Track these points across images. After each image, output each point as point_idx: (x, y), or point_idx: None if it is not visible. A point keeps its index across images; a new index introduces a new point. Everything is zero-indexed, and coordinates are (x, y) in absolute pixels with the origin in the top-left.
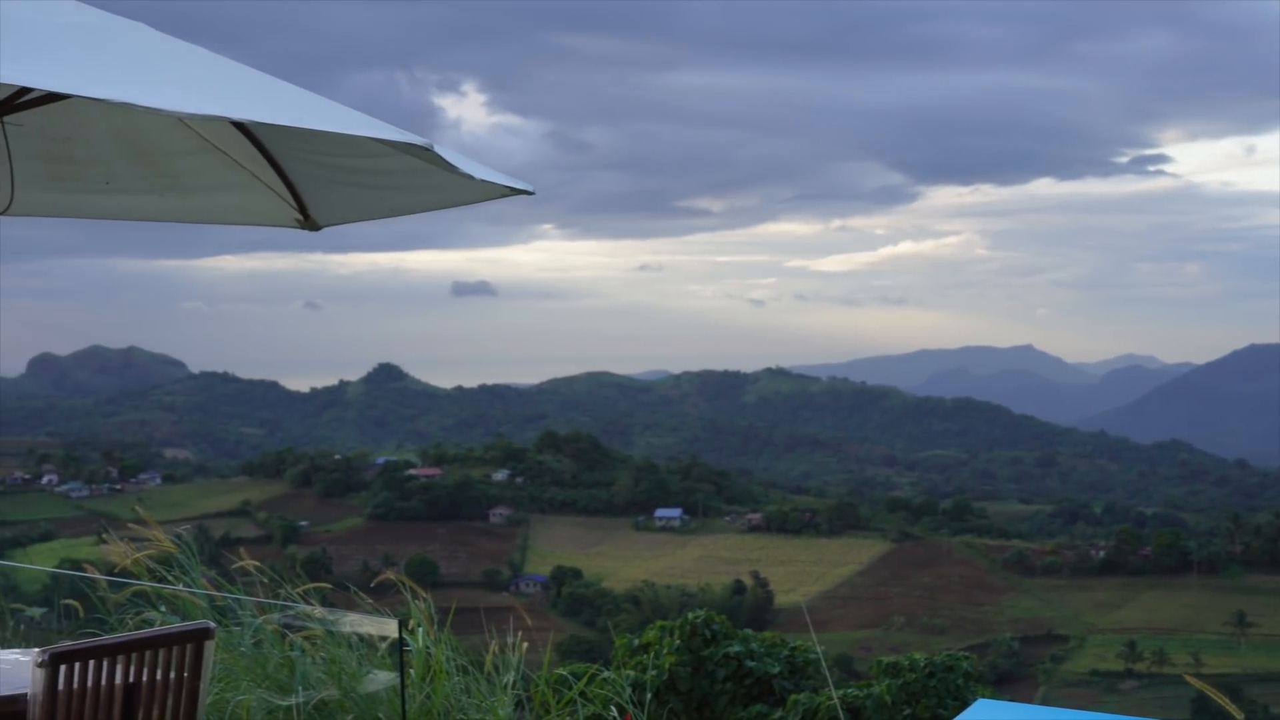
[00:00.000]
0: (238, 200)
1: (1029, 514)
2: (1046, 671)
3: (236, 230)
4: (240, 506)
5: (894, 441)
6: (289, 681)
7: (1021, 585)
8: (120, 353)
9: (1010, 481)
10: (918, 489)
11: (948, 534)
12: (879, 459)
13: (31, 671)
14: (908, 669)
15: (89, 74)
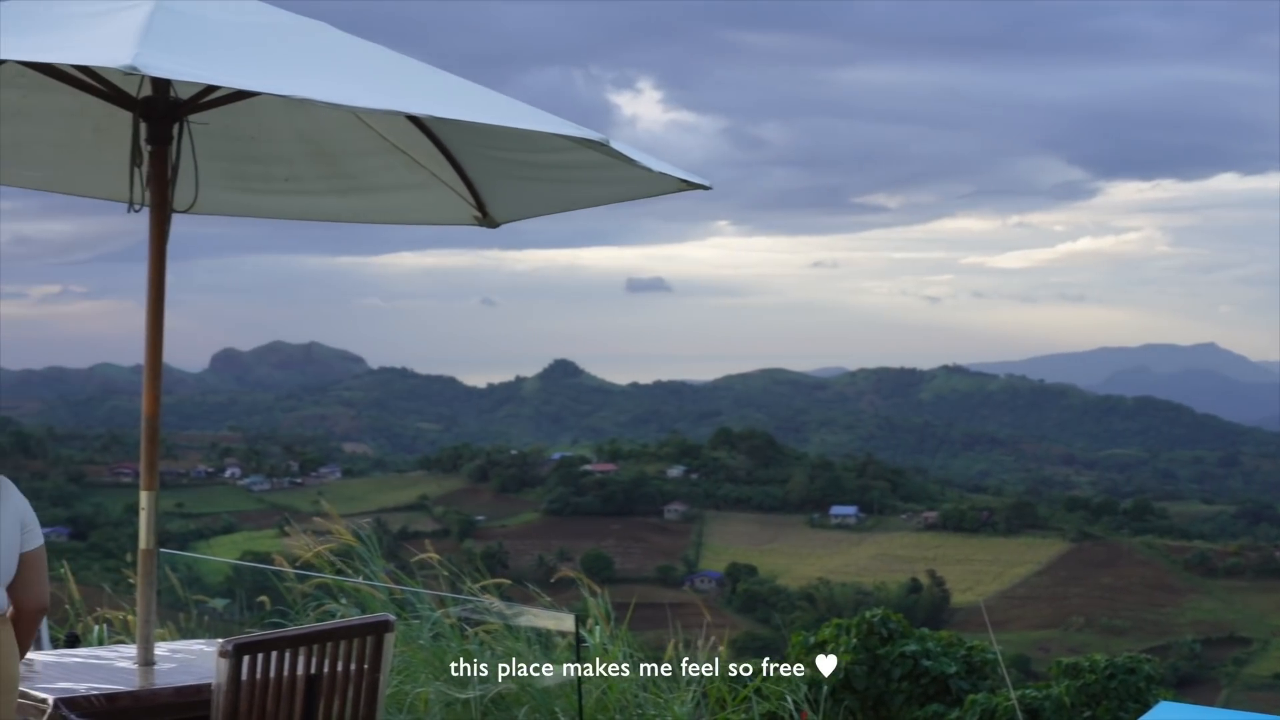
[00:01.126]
0: (417, 199)
1: (1211, 514)
2: (1229, 675)
3: (415, 227)
4: (418, 501)
5: (1073, 440)
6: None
7: (1203, 587)
8: (301, 348)
9: (1192, 481)
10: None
11: (1128, 534)
12: (1057, 458)
13: (216, 662)
14: (1088, 670)
15: (272, 72)
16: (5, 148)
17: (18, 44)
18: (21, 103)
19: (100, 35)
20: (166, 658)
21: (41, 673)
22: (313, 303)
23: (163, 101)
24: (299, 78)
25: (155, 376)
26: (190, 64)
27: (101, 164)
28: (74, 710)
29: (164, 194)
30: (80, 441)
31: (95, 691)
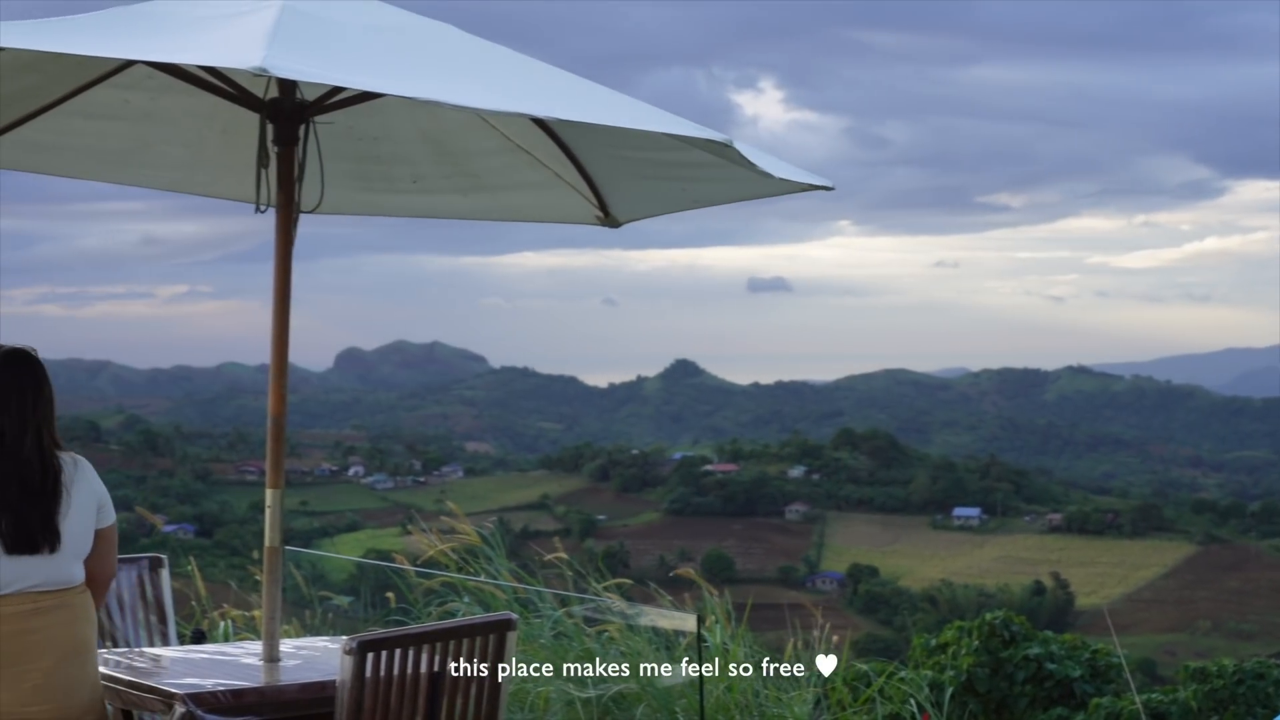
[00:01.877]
0: (540, 198)
1: None
2: None
3: (536, 227)
4: (539, 500)
5: (1200, 442)
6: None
7: None
8: (423, 348)
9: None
10: (1225, 490)
11: (1256, 537)
12: (1184, 459)
13: (340, 658)
14: (1215, 675)
15: (397, 74)
16: (135, 149)
17: (147, 46)
18: (151, 104)
19: (228, 37)
20: (291, 654)
21: (169, 668)
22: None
23: (289, 103)
24: (423, 79)
25: (281, 375)
26: (316, 66)
27: (229, 165)
28: (201, 706)
29: (290, 194)
30: (206, 440)
31: (222, 687)
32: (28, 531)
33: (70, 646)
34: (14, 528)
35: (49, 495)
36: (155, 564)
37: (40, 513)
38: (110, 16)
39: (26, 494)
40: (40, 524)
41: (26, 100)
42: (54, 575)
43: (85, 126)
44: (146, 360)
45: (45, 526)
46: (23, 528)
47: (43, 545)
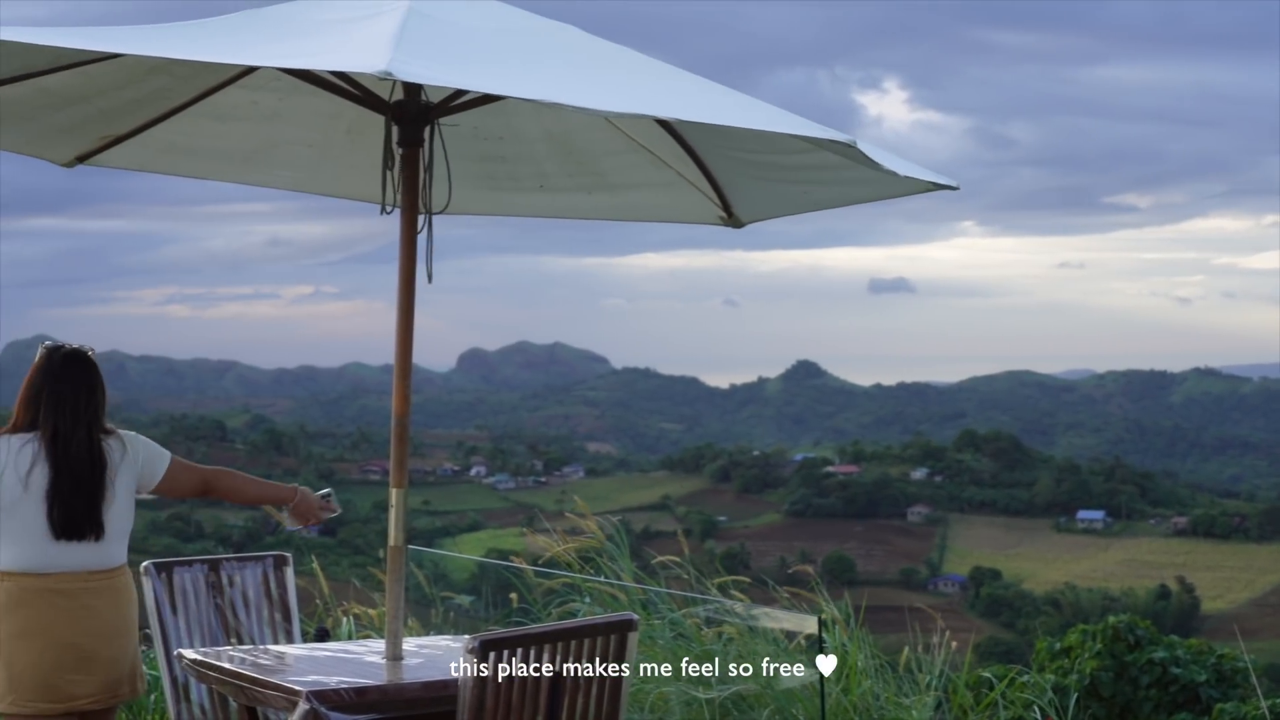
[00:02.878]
0: (663, 198)
1: None
2: None
3: (658, 228)
4: (660, 500)
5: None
6: (708, 675)
7: None
8: (545, 348)
9: None
10: None
11: None
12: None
13: (462, 658)
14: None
15: (520, 76)
16: (262, 150)
17: (275, 50)
18: (278, 106)
19: (355, 41)
20: (414, 653)
21: (293, 665)
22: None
23: (414, 105)
24: (547, 81)
25: (405, 376)
26: (441, 69)
27: (354, 166)
28: (324, 703)
29: (415, 196)
30: (331, 439)
31: (345, 685)
32: (75, 521)
33: (113, 623)
34: (63, 517)
35: (96, 488)
36: (280, 562)
37: (87, 504)
38: (239, 20)
39: (76, 487)
40: (86, 514)
41: (157, 102)
42: (98, 559)
43: (214, 128)
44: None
45: (90, 517)
46: (71, 517)
47: (88, 534)
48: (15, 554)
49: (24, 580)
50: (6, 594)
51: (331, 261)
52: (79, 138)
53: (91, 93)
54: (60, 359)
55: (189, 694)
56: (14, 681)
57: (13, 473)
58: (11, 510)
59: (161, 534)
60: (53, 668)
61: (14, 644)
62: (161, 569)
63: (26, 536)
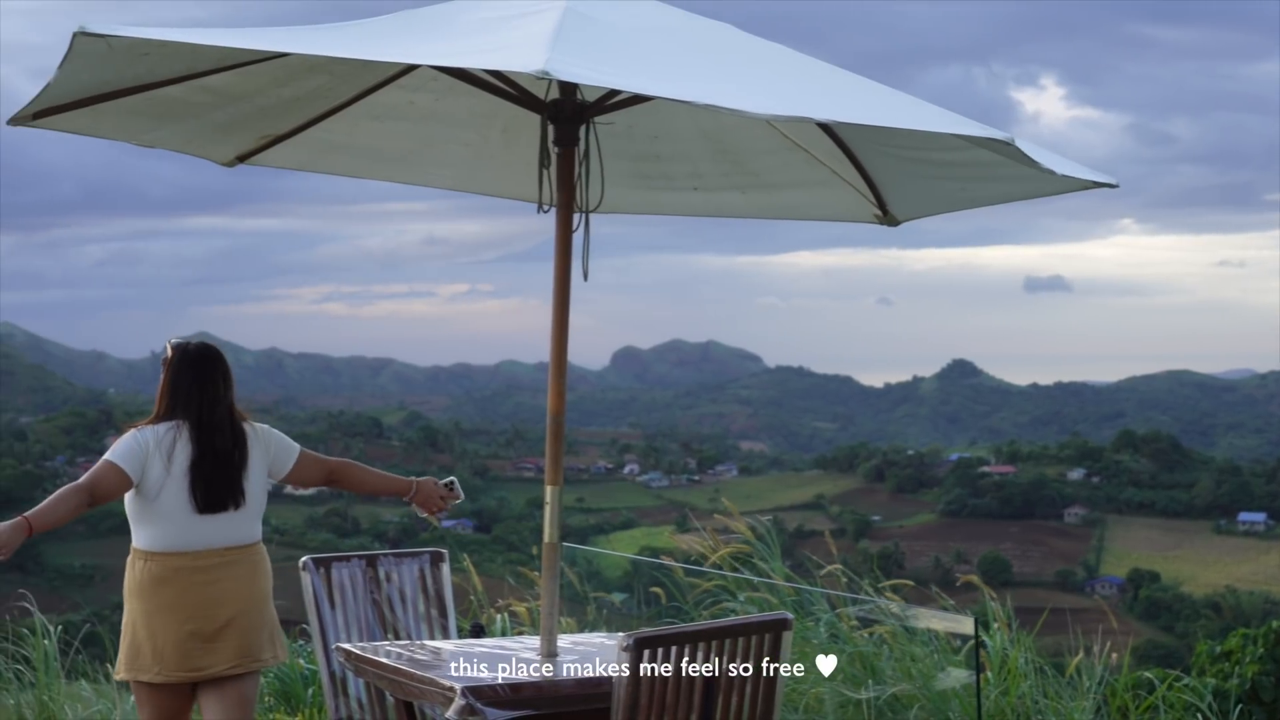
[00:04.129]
0: (818, 196)
1: None
2: None
3: (812, 226)
4: (813, 500)
5: None
6: (862, 676)
7: None
8: (699, 346)
9: None
10: None
11: None
12: None
13: (617, 655)
14: None
15: (676, 76)
16: (419, 149)
17: (433, 50)
18: (435, 105)
19: (511, 40)
20: (568, 650)
21: (448, 661)
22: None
23: (570, 104)
24: (701, 81)
25: (560, 374)
26: (597, 69)
27: (510, 165)
28: (480, 698)
29: (570, 194)
30: (485, 437)
31: (500, 681)
32: (217, 494)
33: (250, 596)
34: (206, 492)
35: (238, 461)
36: (436, 558)
37: (227, 477)
38: (396, 20)
39: (218, 461)
40: (227, 487)
41: (316, 102)
42: (237, 533)
43: (372, 127)
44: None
45: (232, 488)
46: (213, 492)
47: (229, 504)
48: (158, 534)
49: (165, 559)
50: (149, 572)
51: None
52: (239, 137)
53: (252, 92)
54: (194, 351)
55: (346, 688)
56: (157, 654)
57: (158, 458)
58: (157, 493)
59: (319, 529)
60: (192, 639)
61: (157, 619)
62: (320, 564)
63: (170, 516)
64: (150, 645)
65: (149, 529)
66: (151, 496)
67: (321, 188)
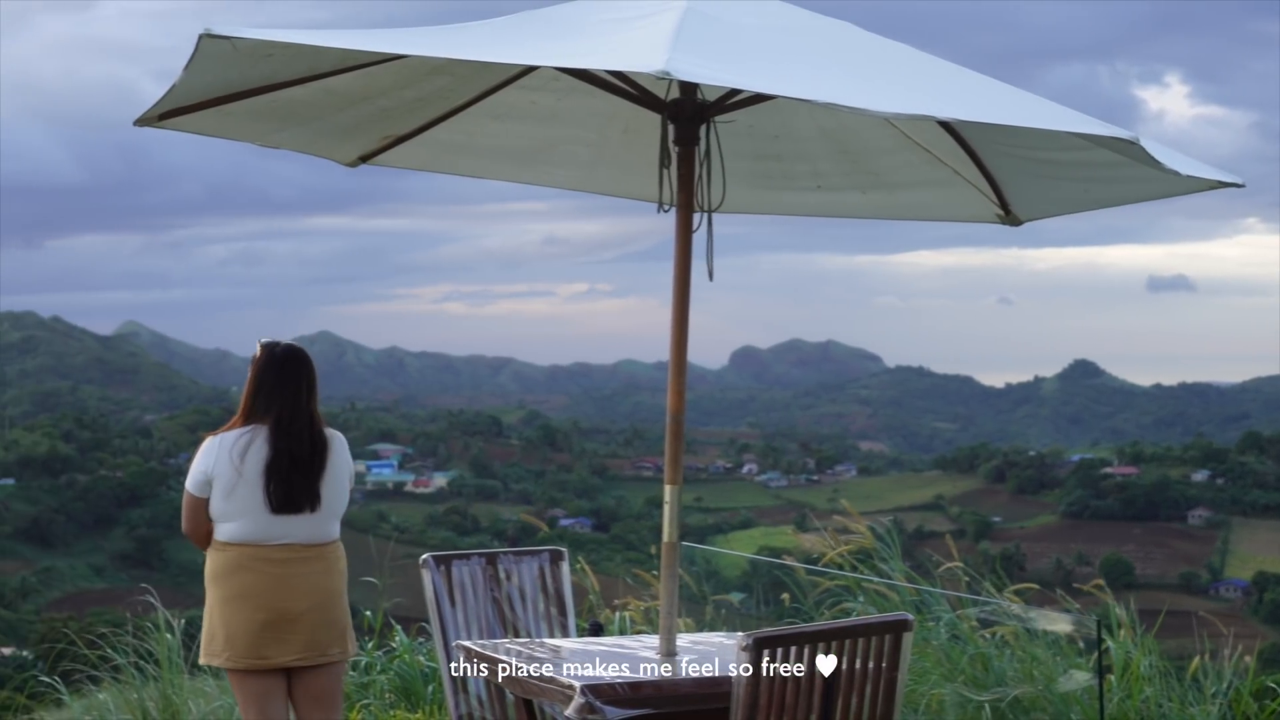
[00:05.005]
0: (939, 196)
1: None
2: None
3: (932, 226)
4: (933, 500)
5: None
6: (983, 677)
7: None
8: (818, 346)
9: None
10: None
11: None
12: None
13: (736, 655)
14: None
15: (796, 75)
16: (540, 149)
17: (554, 50)
18: (556, 105)
19: (632, 40)
20: (687, 649)
21: (568, 659)
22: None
23: (690, 104)
24: (823, 80)
25: (680, 373)
26: (717, 68)
27: (630, 164)
28: (599, 697)
29: (690, 194)
30: (604, 436)
31: (619, 679)
32: (293, 496)
33: (323, 592)
34: (281, 493)
35: (315, 466)
36: (555, 557)
37: (304, 480)
38: (518, 21)
39: (294, 465)
40: (304, 489)
41: (438, 103)
42: (314, 531)
43: (493, 128)
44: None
45: (308, 491)
46: (289, 493)
47: (304, 506)
48: (236, 528)
49: (241, 550)
50: (224, 562)
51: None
52: (362, 138)
53: (374, 93)
54: (280, 353)
55: (466, 685)
56: (229, 641)
57: (227, 465)
58: (230, 495)
59: (439, 527)
60: (262, 629)
61: (229, 607)
62: (440, 562)
63: (246, 514)
64: (224, 632)
65: (225, 523)
66: (224, 496)
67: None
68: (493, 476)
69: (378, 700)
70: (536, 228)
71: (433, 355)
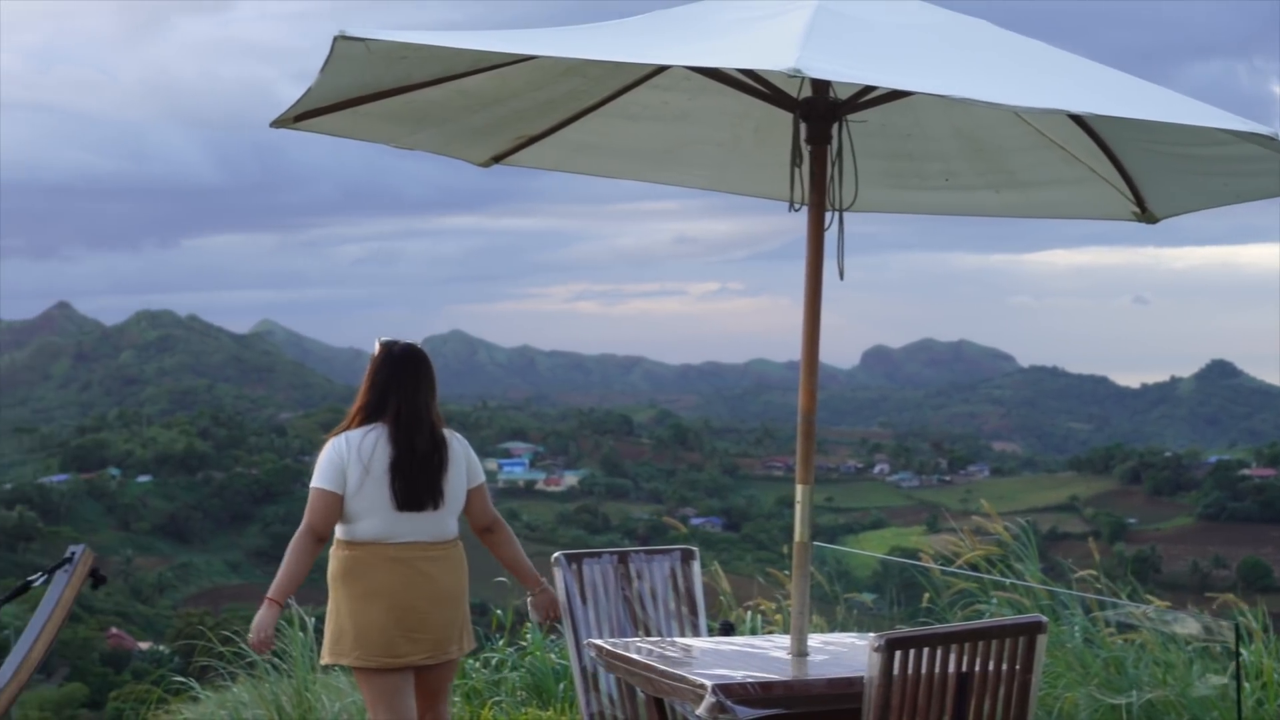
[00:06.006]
0: (1074, 194)
1: None
2: None
3: (1066, 224)
4: (1067, 501)
5: None
6: (1117, 681)
7: None
8: (950, 346)
9: None
10: None
11: None
12: None
13: (868, 655)
14: None
15: (931, 71)
16: (672, 149)
17: (685, 50)
18: (688, 105)
19: (763, 39)
20: (819, 649)
21: (699, 658)
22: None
23: (822, 102)
24: (957, 76)
25: (812, 372)
26: (850, 65)
27: (761, 164)
28: (730, 696)
29: (822, 193)
30: (734, 435)
31: (750, 679)
32: (416, 493)
33: (445, 590)
34: (405, 490)
35: (436, 463)
36: (686, 556)
37: (427, 477)
38: (648, 21)
39: (416, 462)
40: (426, 486)
41: (570, 103)
42: (436, 530)
43: (625, 128)
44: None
45: (431, 488)
46: (412, 490)
47: (428, 504)
48: (364, 527)
49: (370, 549)
50: (355, 561)
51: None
52: (494, 138)
53: (507, 94)
54: (399, 352)
55: (598, 683)
56: (359, 639)
57: (356, 462)
58: (358, 493)
59: (570, 526)
60: (391, 627)
61: (359, 605)
62: (572, 560)
63: (373, 511)
64: (352, 631)
65: (351, 523)
66: (352, 495)
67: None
68: (623, 475)
69: (509, 697)
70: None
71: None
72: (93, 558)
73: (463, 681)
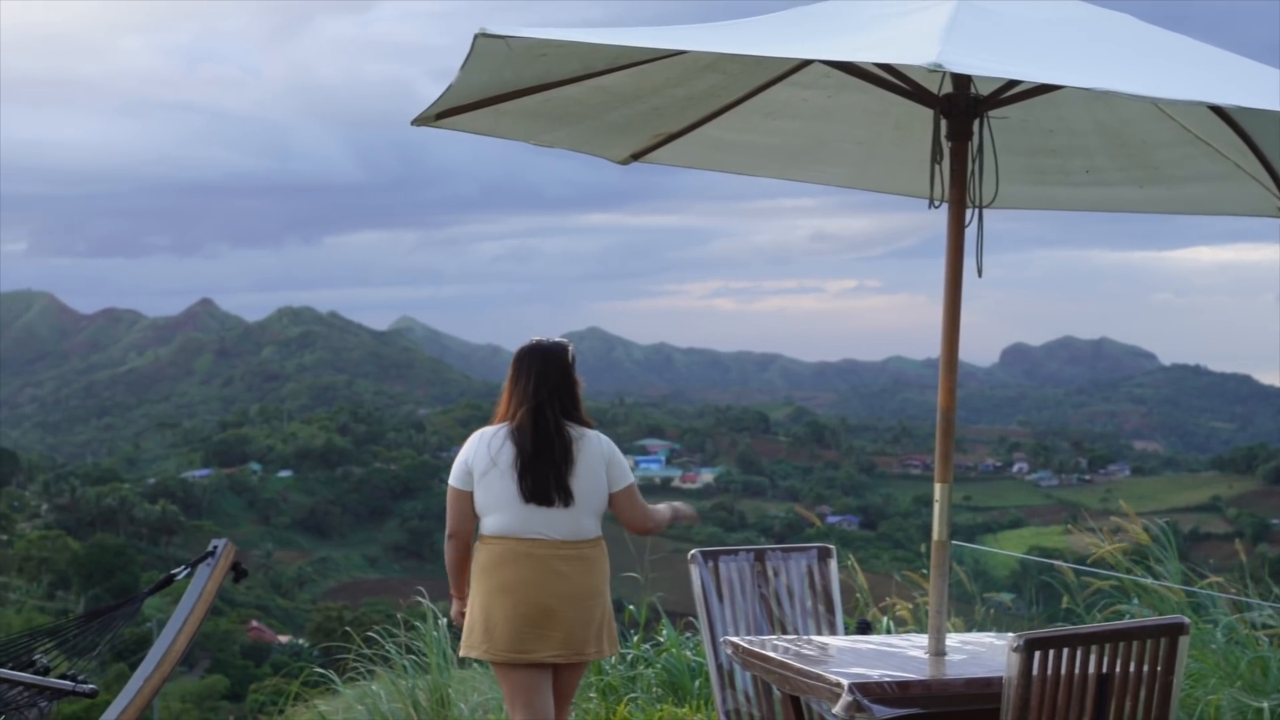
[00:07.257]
0: (1218, 190)
1: None
2: None
3: (1210, 221)
4: (1209, 501)
5: None
6: (1261, 683)
7: None
8: (1091, 344)
9: None
10: None
11: None
12: None
13: (1006, 655)
14: None
15: (1073, 65)
16: (811, 146)
17: (824, 46)
18: (827, 103)
19: (903, 34)
20: (957, 649)
21: (836, 657)
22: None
23: (963, 98)
24: (1100, 70)
25: (951, 370)
26: (991, 60)
27: (901, 161)
28: (866, 695)
29: (963, 190)
30: (871, 433)
31: (888, 678)
32: (543, 487)
33: (579, 588)
34: (533, 483)
35: (561, 460)
36: (823, 554)
37: (554, 473)
38: (788, 17)
39: (540, 458)
40: (554, 482)
41: (709, 100)
42: (570, 528)
43: (765, 124)
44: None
45: (558, 485)
46: (539, 484)
47: (555, 500)
48: (497, 521)
49: (504, 543)
50: (489, 555)
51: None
52: (633, 136)
53: (646, 92)
54: (536, 349)
55: (734, 680)
56: (489, 633)
57: (484, 457)
58: (485, 487)
59: (706, 523)
60: (522, 623)
61: (491, 599)
62: (708, 557)
63: (504, 505)
64: (484, 624)
65: (487, 517)
66: (483, 489)
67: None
68: (760, 473)
69: (645, 694)
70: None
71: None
72: (234, 551)
73: (599, 678)
